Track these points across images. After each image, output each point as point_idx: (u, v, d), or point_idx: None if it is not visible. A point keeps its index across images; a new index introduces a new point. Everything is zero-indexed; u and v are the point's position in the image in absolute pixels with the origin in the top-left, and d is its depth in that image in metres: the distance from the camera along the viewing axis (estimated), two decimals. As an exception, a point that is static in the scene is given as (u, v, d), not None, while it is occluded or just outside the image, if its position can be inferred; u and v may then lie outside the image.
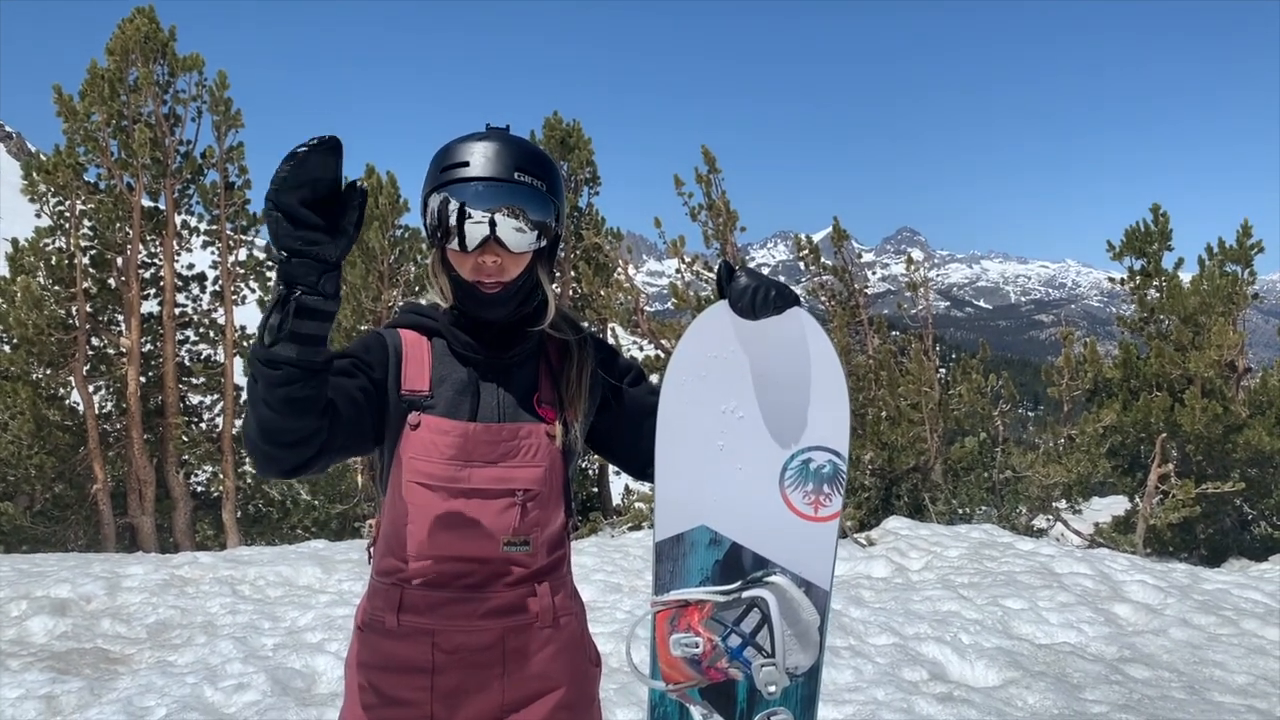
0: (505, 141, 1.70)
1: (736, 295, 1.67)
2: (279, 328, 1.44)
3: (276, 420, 1.49)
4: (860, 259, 15.43)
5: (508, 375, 1.78)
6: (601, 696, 1.85)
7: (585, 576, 7.38)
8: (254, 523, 20.57)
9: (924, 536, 8.88)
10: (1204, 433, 12.19)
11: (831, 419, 1.76)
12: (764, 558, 1.77)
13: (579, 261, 19.06)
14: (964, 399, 13.34)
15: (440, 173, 1.68)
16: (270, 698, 4.74)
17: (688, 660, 1.75)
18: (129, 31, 18.46)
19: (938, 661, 5.32)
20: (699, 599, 1.76)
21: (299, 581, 7.68)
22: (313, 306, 1.46)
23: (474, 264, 1.68)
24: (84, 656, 5.62)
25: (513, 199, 1.66)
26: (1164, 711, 4.50)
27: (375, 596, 1.77)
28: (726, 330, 1.75)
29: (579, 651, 1.85)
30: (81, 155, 18.49)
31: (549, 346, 1.84)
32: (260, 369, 1.46)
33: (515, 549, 1.73)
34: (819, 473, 1.76)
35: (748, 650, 1.72)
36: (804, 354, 1.74)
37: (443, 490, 1.69)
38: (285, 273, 1.44)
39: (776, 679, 1.70)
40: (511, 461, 1.72)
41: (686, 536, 1.80)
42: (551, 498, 1.76)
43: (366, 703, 1.75)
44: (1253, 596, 6.89)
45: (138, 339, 19.14)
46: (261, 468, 1.56)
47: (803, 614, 1.74)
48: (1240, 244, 13.56)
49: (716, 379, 1.77)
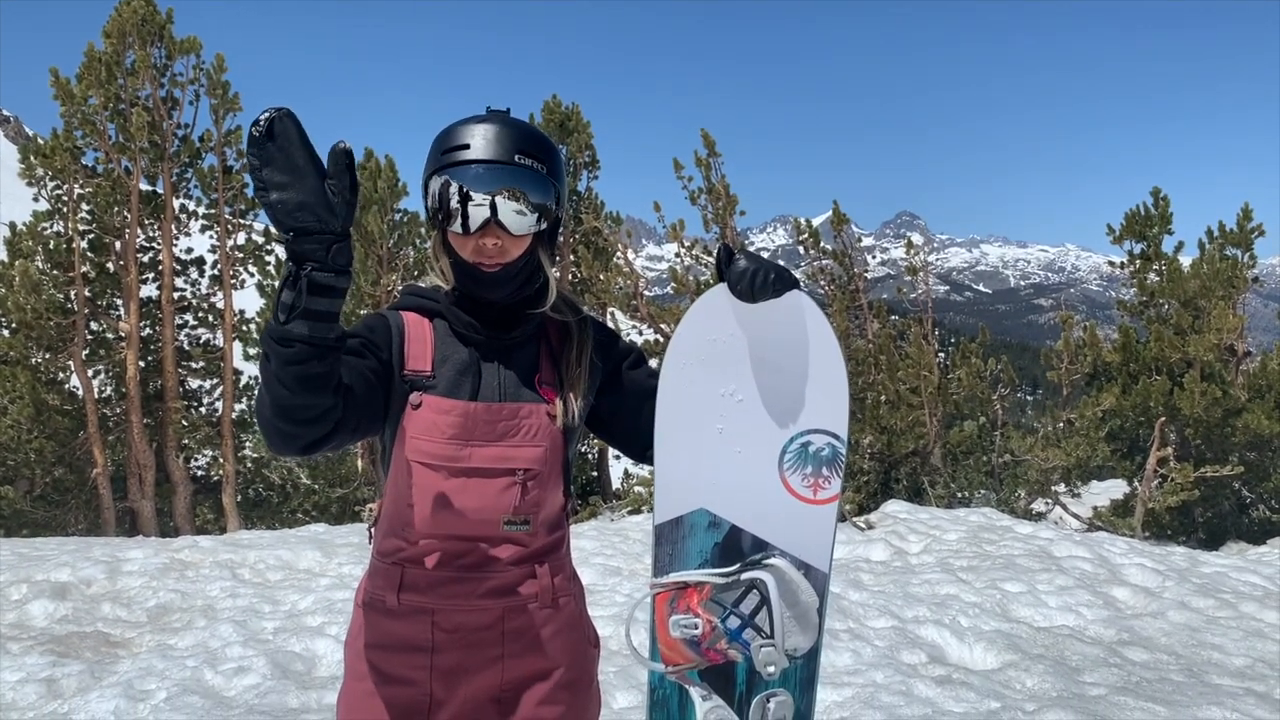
0: (506, 124, 1.70)
1: (735, 278, 1.67)
2: (292, 306, 1.43)
3: (290, 398, 1.49)
4: (860, 243, 15.38)
5: (509, 356, 1.78)
6: (601, 679, 1.86)
7: (585, 560, 7.40)
8: (254, 507, 20.60)
9: (923, 520, 8.89)
10: (1203, 416, 12.19)
11: (830, 402, 1.76)
12: (763, 540, 1.78)
13: (578, 246, 19.02)
14: (963, 383, 13.34)
15: (441, 155, 1.68)
16: (270, 680, 4.75)
17: (687, 642, 1.76)
18: (126, 14, 18.36)
19: (936, 644, 5.33)
20: (698, 580, 1.76)
21: (299, 565, 7.70)
22: (324, 283, 1.45)
23: (475, 246, 1.69)
24: (84, 640, 5.63)
25: (513, 181, 1.66)
26: (1162, 694, 4.51)
27: (376, 576, 1.78)
28: (726, 313, 1.75)
29: (578, 632, 1.86)
30: (79, 139, 18.42)
31: (549, 328, 1.84)
32: (273, 347, 1.46)
33: (515, 528, 1.74)
34: (818, 455, 1.77)
35: (747, 632, 1.73)
36: (803, 337, 1.74)
37: (443, 469, 1.70)
38: (293, 251, 1.44)
39: (776, 660, 1.70)
40: (512, 440, 1.73)
41: (686, 519, 1.80)
42: (551, 478, 1.77)
43: (366, 681, 1.75)
44: (1251, 580, 6.90)
45: (136, 323, 19.11)
46: (276, 445, 1.56)
47: (802, 596, 1.75)
48: (1241, 227, 13.53)
49: (716, 362, 1.77)
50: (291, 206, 1.41)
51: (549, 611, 1.79)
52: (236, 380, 20.55)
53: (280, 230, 1.44)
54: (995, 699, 4.42)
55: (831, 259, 14.87)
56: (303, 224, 1.42)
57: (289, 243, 1.43)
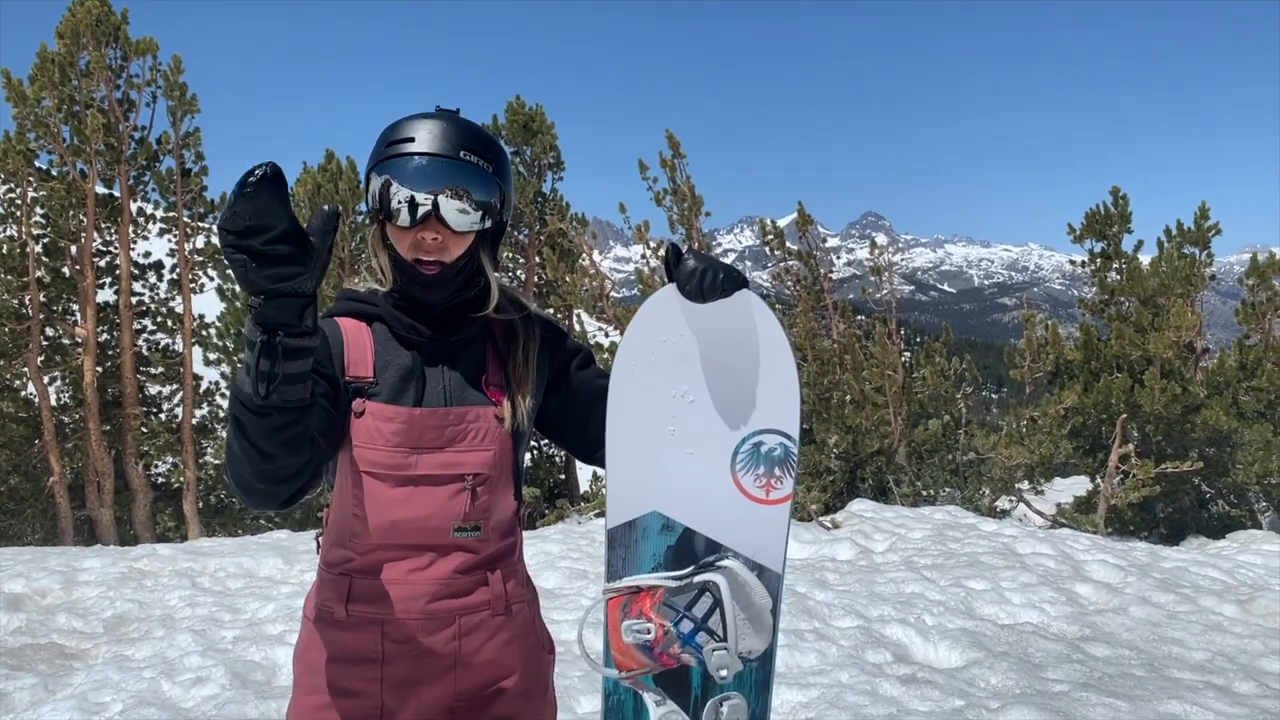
0: (453, 121, 1.67)
1: (684, 278, 1.64)
2: (270, 378, 1.36)
3: (273, 460, 1.45)
4: (825, 244, 15.45)
5: (453, 358, 1.74)
6: (565, 684, 1.82)
7: (551, 563, 7.34)
8: (215, 514, 20.35)
9: (888, 519, 8.93)
10: (1163, 413, 12.35)
11: (782, 401, 1.74)
12: (716, 542, 1.76)
13: (544, 247, 18.95)
14: (928, 382, 13.43)
15: (385, 148, 1.65)
16: (229, 691, 4.67)
17: (640, 647, 1.73)
18: (79, 14, 18.06)
19: (901, 643, 5.35)
20: (650, 584, 1.74)
21: (260, 573, 7.59)
22: (297, 347, 1.37)
23: (414, 241, 1.64)
24: (38, 652, 5.51)
25: (457, 177, 1.63)
26: (1124, 689, 4.54)
27: (324, 587, 1.74)
28: (675, 314, 1.72)
29: (532, 639, 1.83)
30: (32, 141, 18.10)
31: (495, 327, 1.80)
32: (251, 417, 1.40)
33: (466, 535, 1.70)
34: (770, 455, 1.75)
35: (700, 635, 1.70)
36: (753, 336, 1.72)
37: (390, 478, 1.66)
38: (262, 315, 1.34)
39: (728, 663, 1.68)
40: (459, 446, 1.69)
41: (639, 523, 1.78)
42: (501, 482, 1.74)
43: (316, 695, 1.72)
44: (1211, 574, 6.99)
45: (94, 328, 18.81)
46: (259, 504, 1.52)
47: (755, 597, 1.73)
48: (1198, 226, 13.73)
49: (666, 363, 1.75)
50: (271, 263, 1.30)
51: (502, 619, 1.76)
52: (197, 386, 20.28)
53: (251, 290, 1.32)
54: (960, 697, 4.43)
55: (797, 260, 14.92)
56: (276, 286, 1.32)
57: (260, 306, 1.33)
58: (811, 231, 14.96)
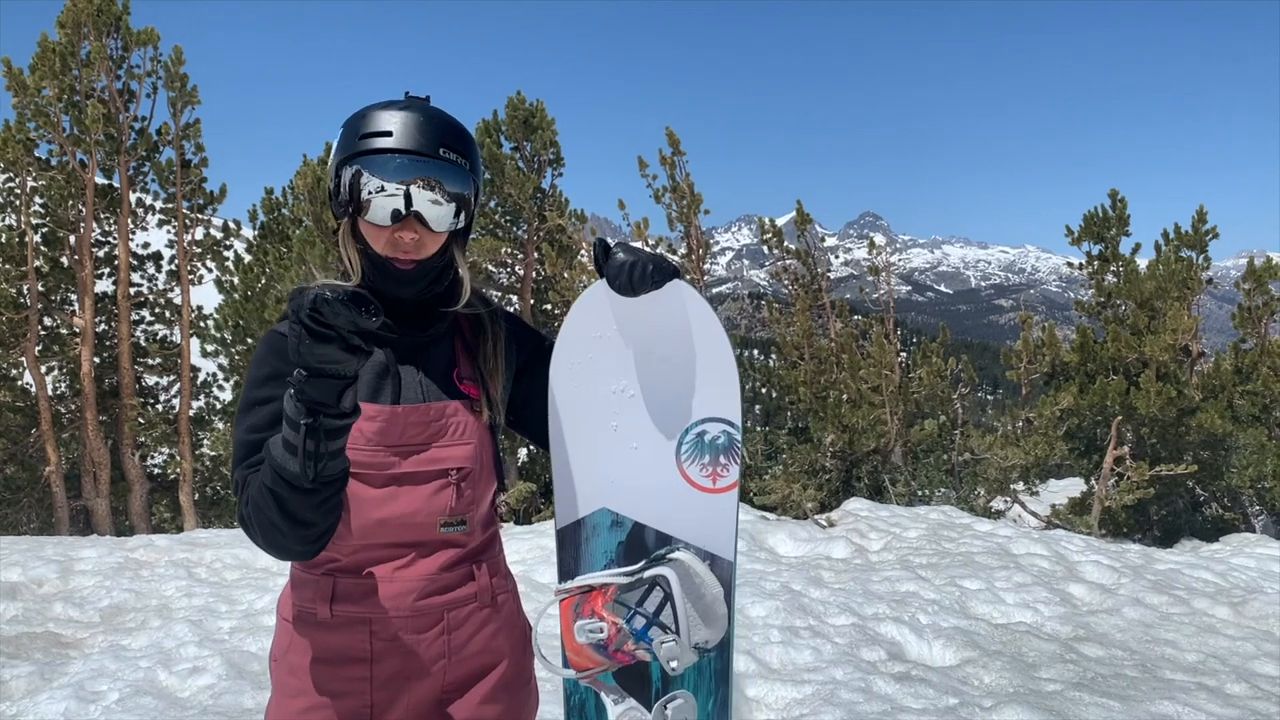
0: (429, 115, 1.62)
1: (614, 272, 1.63)
2: (317, 458, 1.38)
3: (315, 528, 1.48)
4: (823, 243, 15.47)
5: (425, 354, 1.72)
6: (540, 678, 1.83)
7: (547, 558, 7.36)
8: (212, 505, 20.32)
9: (883, 518, 8.95)
10: (1158, 416, 12.39)
11: (722, 389, 1.73)
12: (667, 534, 1.76)
13: (542, 244, 18.94)
14: (924, 382, 13.45)
15: (358, 140, 1.60)
16: (225, 681, 4.68)
17: (594, 646, 1.72)
18: (81, 4, 17.98)
19: (896, 641, 5.37)
20: (601, 583, 1.73)
21: (256, 564, 7.60)
22: (338, 428, 1.39)
23: (389, 239, 1.62)
24: (35, 640, 5.52)
25: (436, 175, 1.60)
26: (1117, 689, 4.57)
27: (303, 588, 1.71)
28: (605, 309, 1.72)
29: (517, 629, 1.84)
30: (32, 131, 18.02)
31: (461, 322, 1.79)
32: (293, 494, 1.42)
33: (453, 529, 1.69)
34: (714, 444, 1.74)
35: (652, 630, 1.69)
36: (687, 326, 1.71)
37: (373, 477, 1.64)
38: (303, 394, 1.35)
39: (679, 655, 1.67)
40: (441, 441, 1.68)
41: (588, 521, 1.78)
42: (484, 474, 1.73)
43: (300, 698, 1.69)
44: (1203, 576, 7.02)
45: (91, 319, 18.77)
46: (292, 557, 1.54)
47: (706, 588, 1.72)
48: (1195, 230, 13.77)
49: (603, 360, 1.74)
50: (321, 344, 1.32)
51: (489, 611, 1.76)
52: (194, 377, 20.24)
53: (298, 363, 1.34)
54: (953, 695, 4.45)
55: (795, 259, 14.94)
56: (321, 365, 1.33)
57: (301, 383, 1.34)
58: (810, 230, 14.99)
